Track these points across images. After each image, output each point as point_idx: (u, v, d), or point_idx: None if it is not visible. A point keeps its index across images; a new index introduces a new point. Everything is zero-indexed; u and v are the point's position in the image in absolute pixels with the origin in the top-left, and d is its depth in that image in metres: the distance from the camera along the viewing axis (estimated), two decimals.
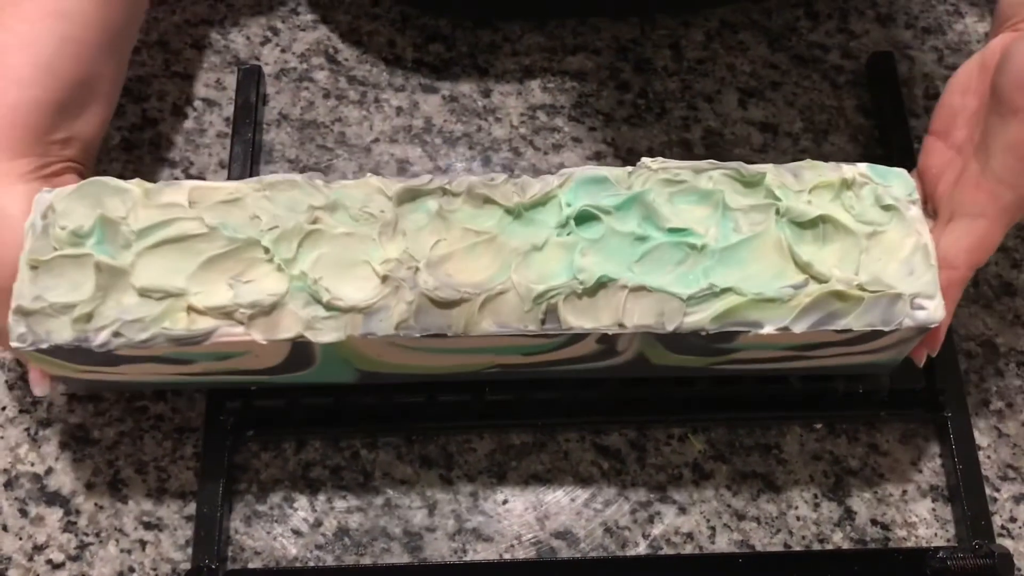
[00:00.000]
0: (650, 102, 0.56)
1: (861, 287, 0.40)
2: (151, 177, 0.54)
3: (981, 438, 0.49)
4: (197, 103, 0.56)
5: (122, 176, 0.53)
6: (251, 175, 0.52)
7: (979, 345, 0.51)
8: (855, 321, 0.40)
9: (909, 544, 0.47)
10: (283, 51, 0.57)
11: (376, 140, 0.55)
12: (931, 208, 0.44)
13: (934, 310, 0.40)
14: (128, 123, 0.55)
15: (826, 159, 0.54)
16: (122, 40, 0.47)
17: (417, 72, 0.57)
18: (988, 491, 0.48)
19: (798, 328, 0.39)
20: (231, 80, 0.56)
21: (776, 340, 0.40)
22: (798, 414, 0.49)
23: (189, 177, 0.54)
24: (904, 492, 0.48)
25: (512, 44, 0.58)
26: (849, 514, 0.48)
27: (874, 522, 0.48)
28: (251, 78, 0.54)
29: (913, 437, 0.49)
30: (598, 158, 0.55)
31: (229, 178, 0.52)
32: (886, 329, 0.40)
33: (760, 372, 0.45)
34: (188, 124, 0.55)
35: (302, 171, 0.54)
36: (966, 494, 0.46)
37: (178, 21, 0.58)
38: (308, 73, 0.57)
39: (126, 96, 0.55)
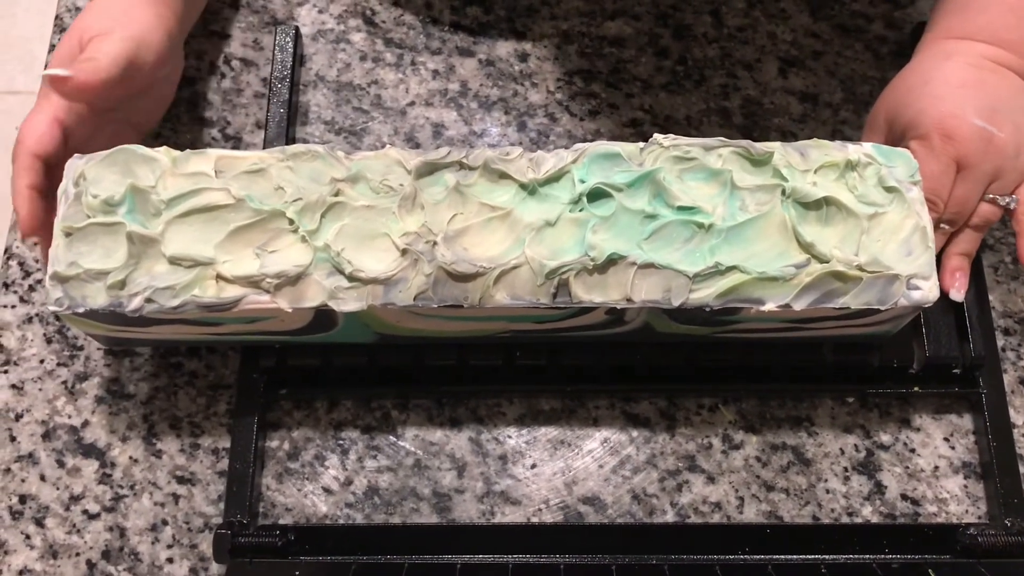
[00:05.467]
0: (689, 69, 0.56)
1: (860, 268, 0.41)
2: (188, 136, 0.54)
3: (1016, 415, 0.48)
4: (234, 63, 0.56)
5: (159, 134, 0.54)
6: (287, 136, 0.52)
7: (1017, 322, 0.50)
8: (853, 300, 0.41)
9: (939, 520, 0.47)
10: (320, 12, 0.57)
11: (412, 103, 0.55)
12: None
13: (929, 290, 0.41)
14: None
15: None
16: None
17: (454, 35, 0.57)
18: (1022, 469, 0.47)
19: (798, 305, 0.41)
20: (268, 40, 0.56)
21: (777, 315, 0.41)
22: (830, 387, 0.49)
23: (226, 137, 0.54)
24: (936, 468, 0.48)
25: (550, 8, 0.57)
26: (879, 488, 0.48)
27: (904, 497, 0.47)
28: (288, 38, 0.54)
29: (946, 413, 0.49)
30: (634, 125, 0.54)
31: (265, 138, 0.52)
32: (882, 308, 0.41)
33: (758, 340, 0.46)
34: (225, 84, 0.55)
35: (338, 133, 0.54)
36: (999, 471, 0.46)
37: None
38: (345, 34, 0.57)
39: None
